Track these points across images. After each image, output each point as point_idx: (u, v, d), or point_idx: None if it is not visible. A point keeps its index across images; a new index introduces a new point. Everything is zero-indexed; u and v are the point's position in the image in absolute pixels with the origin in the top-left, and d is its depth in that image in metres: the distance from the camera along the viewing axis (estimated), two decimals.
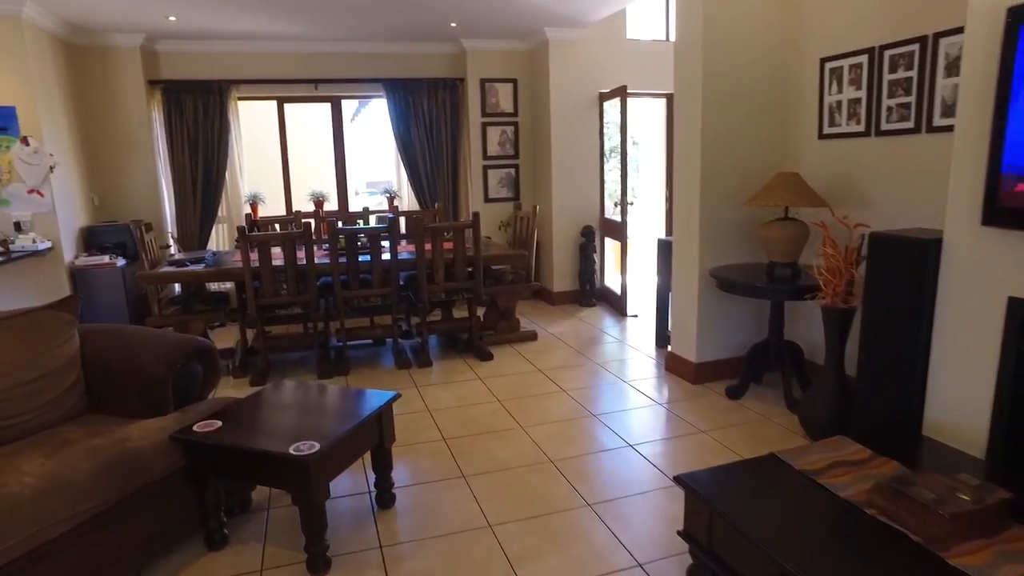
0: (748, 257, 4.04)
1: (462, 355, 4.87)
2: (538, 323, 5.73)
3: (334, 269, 4.30)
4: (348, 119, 10.29)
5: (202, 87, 5.81)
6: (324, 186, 6.67)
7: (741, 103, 3.86)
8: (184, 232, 5.99)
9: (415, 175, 6.43)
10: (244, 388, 4.28)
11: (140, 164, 5.76)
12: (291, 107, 6.42)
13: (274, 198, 6.54)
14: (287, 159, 6.46)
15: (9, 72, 4.61)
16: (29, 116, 4.68)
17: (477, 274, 4.59)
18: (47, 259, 4.84)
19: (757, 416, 3.56)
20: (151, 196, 5.83)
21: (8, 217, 4.74)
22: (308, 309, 4.34)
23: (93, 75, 5.54)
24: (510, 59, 6.49)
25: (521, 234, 5.30)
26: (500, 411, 3.76)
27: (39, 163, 4.72)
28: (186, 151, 5.87)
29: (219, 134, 5.91)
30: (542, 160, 6.46)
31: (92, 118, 5.58)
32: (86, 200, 5.48)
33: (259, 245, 4.12)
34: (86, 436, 2.33)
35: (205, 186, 5.96)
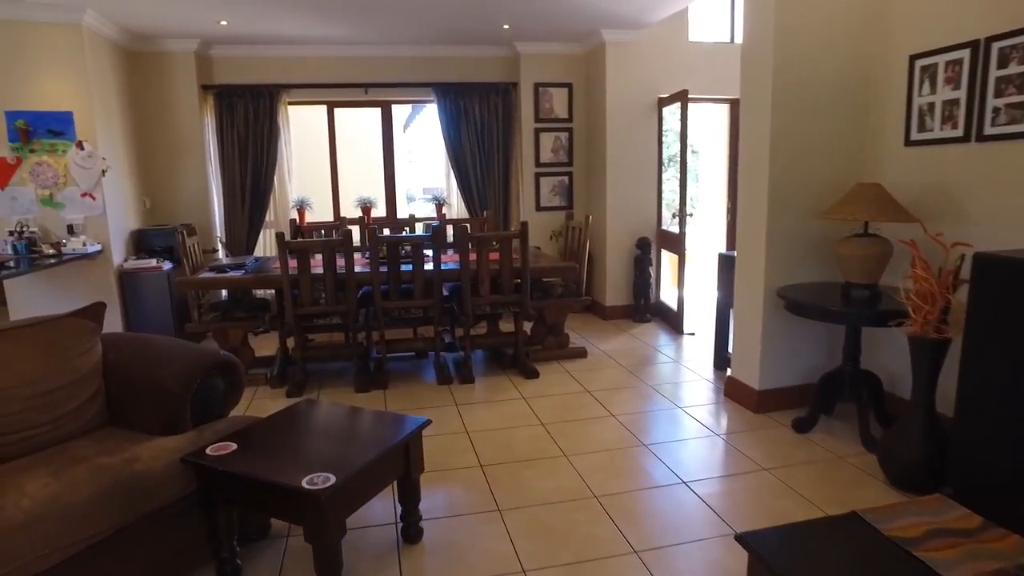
0: (820, 276, 3.67)
1: (506, 372, 4.62)
2: (588, 339, 5.44)
3: (374, 278, 4.13)
4: (400, 128, 10.24)
5: (253, 91, 5.78)
6: (373, 192, 6.56)
7: (815, 108, 3.51)
8: (232, 237, 5.97)
9: (465, 182, 6.24)
10: (280, 399, 4.15)
11: (191, 168, 5.77)
12: (341, 112, 6.34)
13: (322, 204, 6.47)
14: (336, 164, 6.38)
15: (68, 78, 4.65)
16: (85, 121, 4.71)
17: (524, 287, 4.34)
18: (97, 262, 4.86)
19: (828, 454, 3.18)
20: (201, 200, 5.83)
21: (62, 220, 4.78)
22: (347, 319, 4.19)
23: (149, 80, 5.58)
24: (565, 63, 6.25)
25: (573, 245, 5.03)
26: (543, 436, 3.49)
27: (92, 167, 4.74)
28: (236, 156, 5.85)
29: (268, 139, 5.87)
30: (597, 168, 6.18)
31: (146, 123, 5.62)
32: (138, 203, 5.51)
33: (298, 252, 3.99)
34: (96, 454, 2.19)
35: (253, 191, 5.92)
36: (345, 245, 4.02)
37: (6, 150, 4.66)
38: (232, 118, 5.81)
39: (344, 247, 4.03)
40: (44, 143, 4.68)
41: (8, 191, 4.70)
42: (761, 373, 3.71)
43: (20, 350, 2.36)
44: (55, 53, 4.62)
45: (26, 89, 4.62)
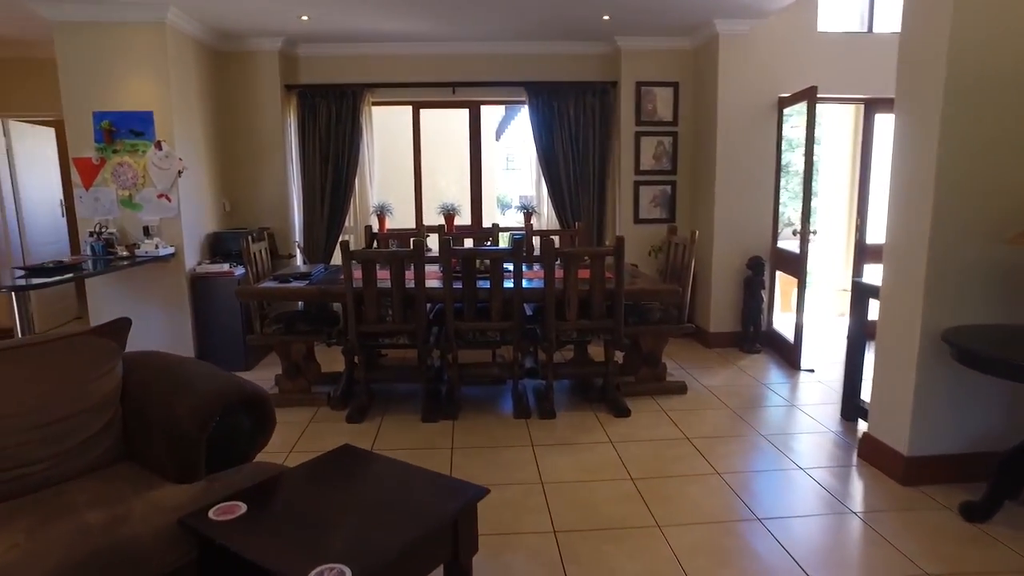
0: (1001, 316, 2.87)
1: (593, 406, 4.05)
2: (689, 370, 4.77)
3: (447, 295, 3.69)
4: (492, 134, 9.86)
5: (336, 91, 5.53)
6: (459, 199, 6.17)
7: (1003, 109, 2.73)
8: (310, 242, 5.74)
9: (556, 190, 5.72)
10: (338, 424, 3.78)
11: (272, 171, 5.59)
12: (427, 113, 6.00)
13: (404, 210, 6.15)
14: (419, 168, 6.04)
15: (150, 78, 4.53)
16: (164, 121, 4.57)
17: (618, 311, 3.76)
18: (170, 265, 4.71)
19: (1019, 558, 2.40)
20: (280, 203, 5.64)
21: (140, 221, 4.67)
22: (415, 340, 3.76)
23: (232, 80, 5.44)
24: (671, 59, 5.61)
25: (675, 263, 4.39)
26: (631, 496, 2.90)
27: (169, 167, 4.60)
28: (317, 158, 5.62)
29: (350, 140, 5.60)
30: (704, 177, 5.50)
31: (228, 123, 5.49)
32: (217, 205, 5.37)
33: (363, 263, 3.60)
34: (88, 504, 1.83)
35: (333, 195, 5.67)
36: (414, 257, 3.60)
37: (92, 151, 4.59)
38: (314, 119, 5.58)
39: (413, 259, 3.61)
40: (126, 143, 4.58)
41: (92, 192, 4.64)
42: (912, 434, 2.95)
43: (24, 373, 2.06)
44: (138, 52, 4.51)
45: (112, 90, 4.54)
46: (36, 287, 3.51)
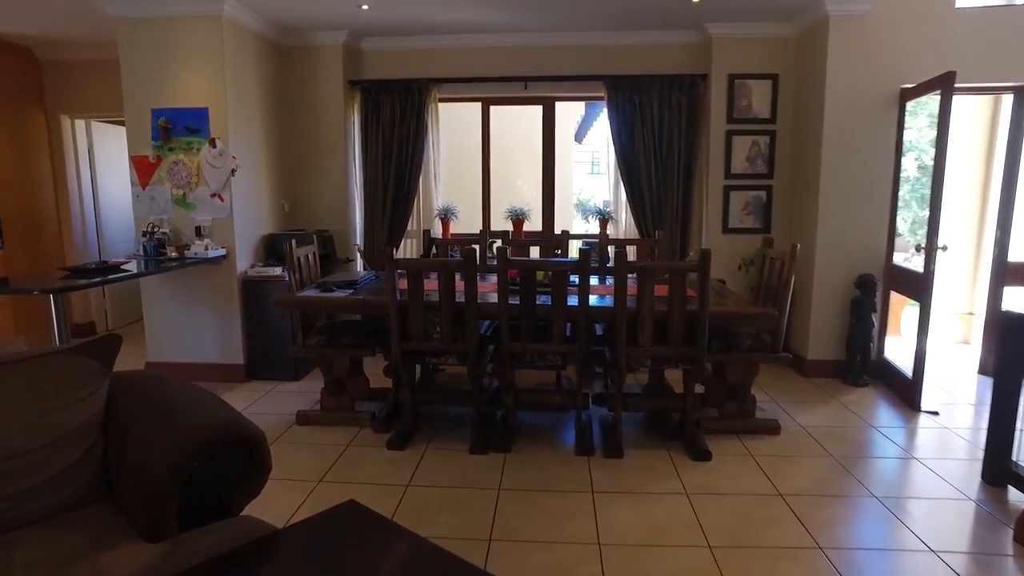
0: None
1: (668, 445, 3.50)
2: (782, 404, 4.11)
3: (501, 312, 3.25)
4: (571, 134, 9.36)
5: (401, 86, 5.22)
6: (531, 203, 5.73)
7: None
8: (371, 246, 5.46)
9: (636, 194, 5.18)
10: (378, 450, 3.40)
11: (332, 170, 5.34)
12: (497, 110, 5.59)
13: (470, 214, 5.77)
14: (488, 169, 5.65)
15: (205, 73, 4.35)
16: (219, 118, 4.38)
17: (700, 337, 3.20)
18: (221, 267, 4.52)
19: None
20: (340, 205, 5.38)
21: (193, 221, 4.50)
22: (465, 361, 3.34)
23: (294, 75, 5.23)
24: (770, 48, 4.96)
25: (770, 280, 3.77)
26: (707, 569, 2.36)
27: (222, 166, 4.41)
28: (379, 157, 5.32)
29: (415, 139, 5.28)
30: (805, 181, 4.81)
31: (289, 120, 5.28)
32: (275, 206, 5.16)
33: (408, 273, 3.22)
34: (26, 566, 1.50)
35: (396, 196, 5.36)
36: (466, 267, 3.18)
37: (149, 149, 4.47)
38: (378, 116, 5.29)
39: (465, 270, 3.19)
40: (181, 141, 4.42)
41: (148, 190, 4.51)
42: None
43: None
44: (195, 47, 4.34)
45: (169, 86, 4.39)
46: (64, 290, 3.33)
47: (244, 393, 4.40)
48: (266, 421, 3.86)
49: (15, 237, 5.55)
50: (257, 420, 3.87)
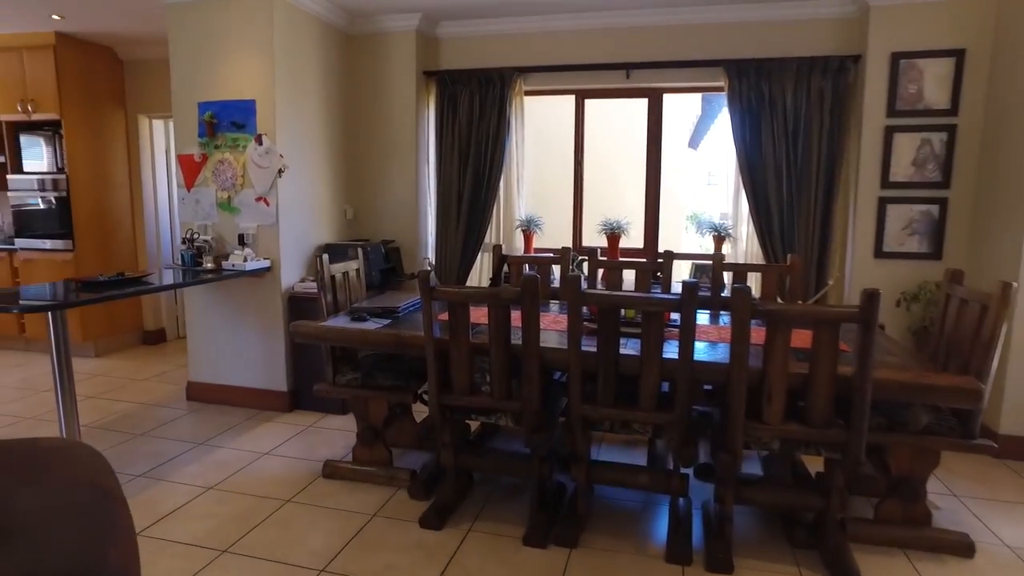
0: None
1: (797, 556, 2.51)
2: (970, 505, 2.97)
3: (572, 362, 2.41)
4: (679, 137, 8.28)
5: (481, 76, 4.50)
6: (631, 215, 4.83)
7: None
8: (443, 259, 4.77)
9: (761, 206, 4.16)
10: (409, 527, 2.65)
11: (402, 172, 4.70)
12: (593, 105, 4.75)
13: (558, 226, 4.95)
14: (580, 174, 4.81)
15: (253, 61, 3.83)
16: (267, 111, 3.84)
17: (858, 416, 2.21)
18: (266, 280, 3.98)
19: None
20: (409, 212, 4.73)
21: (236, 228, 3.99)
22: (523, 424, 2.53)
23: (361, 65, 4.64)
24: (955, 15, 3.79)
25: (959, 332, 2.68)
26: None
27: (268, 166, 3.86)
28: (455, 158, 4.63)
29: (495, 137, 4.54)
30: (1003, 193, 3.60)
31: (354, 116, 4.70)
32: (336, 212, 4.58)
33: (450, 304, 2.45)
34: None
35: (472, 203, 4.64)
36: (524, 299, 2.37)
37: (195, 146, 4.01)
38: (454, 111, 4.60)
39: (523, 302, 2.37)
40: (227, 137, 3.93)
41: (193, 193, 4.06)
42: None
43: None
44: (244, 32, 3.83)
45: (217, 76, 3.92)
46: (37, 309, 2.83)
47: (281, 427, 3.82)
48: (290, 468, 3.23)
49: (88, 239, 5.35)
50: (280, 466, 3.24)
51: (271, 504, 2.89)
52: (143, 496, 2.98)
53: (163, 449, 3.51)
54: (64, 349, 2.98)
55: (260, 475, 3.19)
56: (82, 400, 4.33)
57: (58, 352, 2.97)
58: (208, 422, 3.89)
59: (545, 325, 2.83)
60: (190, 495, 2.98)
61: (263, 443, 3.58)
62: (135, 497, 2.96)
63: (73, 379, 3.06)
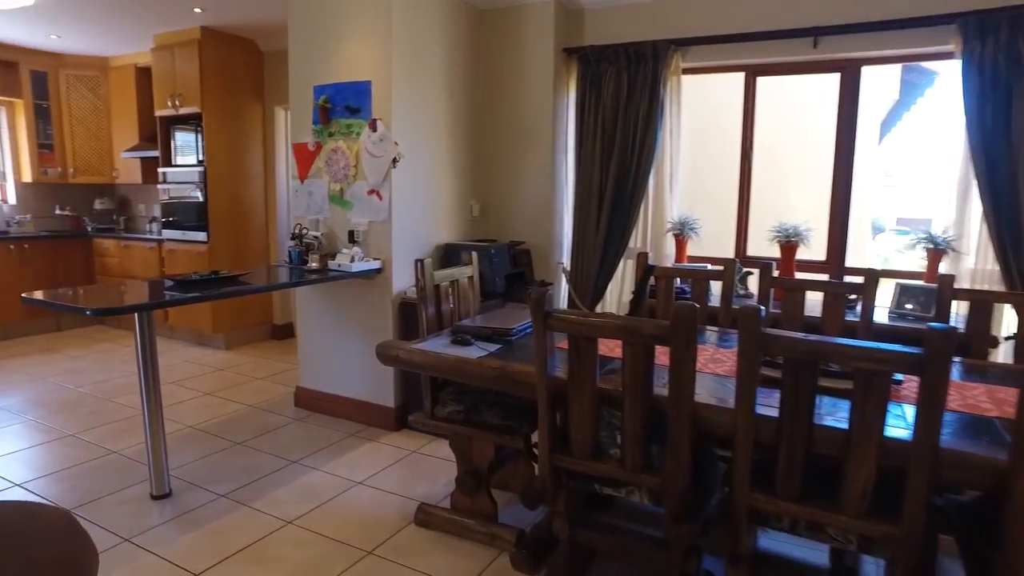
0: None
1: None
2: None
3: (740, 429, 1.67)
4: (874, 127, 6.93)
5: (629, 52, 3.80)
6: (810, 219, 3.89)
7: None
8: (579, 265, 4.13)
9: (997, 207, 3.10)
10: None
11: (536, 164, 4.11)
12: (767, 84, 3.88)
13: (718, 230, 4.12)
14: (748, 169, 3.96)
15: (369, 37, 3.42)
16: (383, 94, 3.41)
17: None
18: (376, 283, 3.56)
19: None
20: (543, 209, 4.13)
21: (347, 223, 3.62)
22: (664, 507, 1.82)
23: (491, 42, 4.11)
24: None
25: None
26: None
27: (383, 154, 3.43)
28: (597, 148, 3.97)
29: (645, 123, 3.82)
30: None
31: (482, 100, 4.18)
32: (459, 208, 4.09)
33: (572, 336, 1.80)
34: None
35: (616, 201, 3.95)
36: (677, 338, 1.66)
37: (309, 134, 3.69)
38: (598, 93, 3.94)
39: (677, 342, 1.67)
40: (341, 124, 3.56)
41: (306, 184, 3.74)
42: None
43: None
44: (362, 5, 3.43)
45: (332, 55, 3.56)
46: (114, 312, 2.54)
47: (382, 450, 3.38)
48: (381, 506, 2.77)
49: (222, 231, 5.32)
50: (371, 501, 2.75)
51: (350, 555, 2.42)
52: (217, 524, 2.63)
53: (256, 464, 3.19)
54: (149, 353, 2.71)
55: (347, 511, 2.75)
56: (199, 396, 4.20)
57: (143, 356, 2.71)
58: (308, 436, 3.55)
59: (699, 364, 2.10)
60: (266, 529, 2.59)
61: (359, 469, 3.15)
62: (209, 524, 2.62)
63: (159, 383, 2.79)
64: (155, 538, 2.52)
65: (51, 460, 3.22)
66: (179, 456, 3.26)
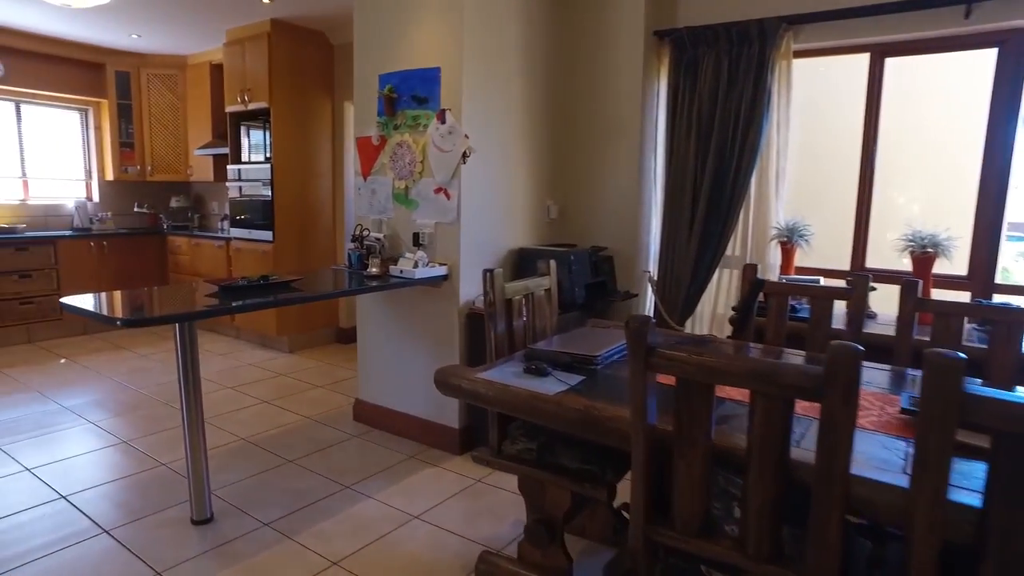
0: None
1: None
2: None
3: (926, 525, 1.20)
4: None
5: (732, 33, 3.31)
6: (949, 224, 3.26)
7: None
8: (667, 274, 3.67)
9: None
10: None
11: (621, 161, 3.68)
12: (895, 65, 3.30)
13: (832, 237, 3.56)
14: (871, 166, 3.39)
15: (440, 20, 3.09)
16: (453, 81, 3.07)
17: None
18: (443, 291, 3.22)
19: None
20: (628, 212, 3.69)
21: (412, 225, 3.29)
22: None
23: (573, 26, 3.70)
24: None
25: None
26: None
27: (452, 148, 3.09)
28: (691, 143, 3.50)
29: (748, 114, 3.32)
30: None
31: (560, 89, 3.78)
32: (536, 209, 3.71)
33: (678, 377, 1.37)
34: None
35: (711, 202, 3.47)
36: (834, 390, 1.21)
37: (373, 127, 3.40)
38: (693, 80, 3.47)
39: (833, 396, 1.22)
40: (407, 115, 3.24)
41: (370, 182, 3.45)
42: None
43: None
44: None
45: (400, 41, 3.25)
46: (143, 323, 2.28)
47: (444, 477, 3.03)
48: (438, 548, 2.42)
49: (288, 230, 5.15)
50: (427, 542, 2.42)
51: None
52: (257, 559, 2.35)
53: (306, 487, 2.91)
54: (191, 366, 2.46)
55: (400, 552, 2.41)
56: (256, 404, 4.00)
57: (184, 370, 2.46)
58: (365, 456, 3.26)
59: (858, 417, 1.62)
60: (310, 569, 2.29)
61: (417, 500, 2.82)
62: (248, 559, 2.34)
63: (200, 399, 2.54)
64: (189, 572, 2.26)
65: (100, 470, 3.06)
66: (227, 472, 3.03)
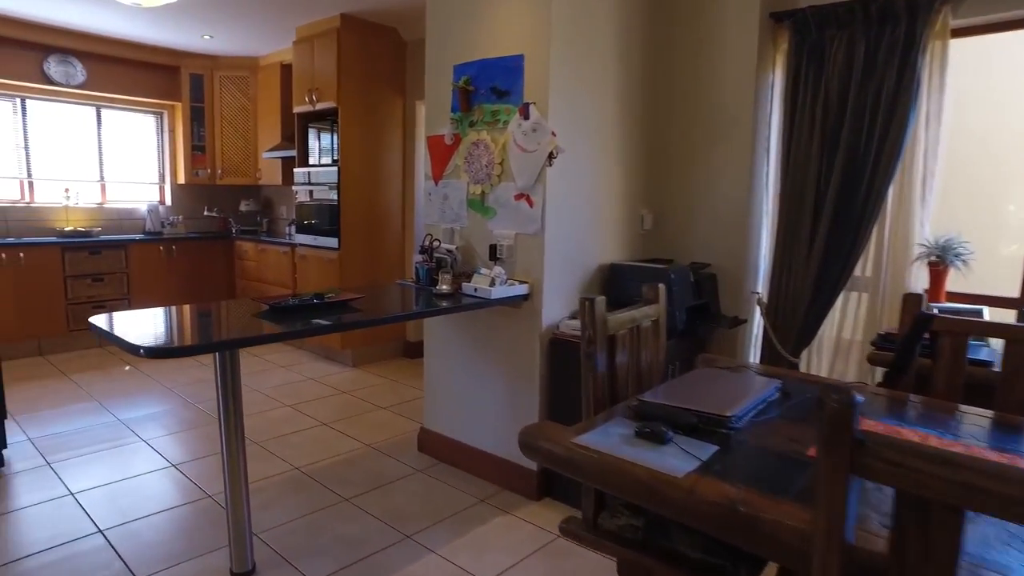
0: None
1: None
2: None
3: None
4: None
5: (870, 10, 2.75)
6: None
7: None
8: (779, 297, 3.13)
9: None
10: None
11: (730, 163, 3.16)
12: None
13: (994, 256, 2.93)
14: None
15: (521, 1, 2.67)
16: (538, 71, 2.65)
17: None
18: (522, 311, 2.80)
19: None
20: (735, 223, 3.17)
21: (488, 236, 2.89)
22: None
23: (675, 11, 3.21)
24: None
25: None
26: None
27: (536, 148, 2.66)
28: (813, 140, 2.95)
29: (889, 107, 2.76)
30: None
31: (660, 79, 3.29)
32: (629, 219, 3.23)
33: (909, 488, 0.89)
34: None
35: (838, 212, 2.92)
36: None
37: (446, 124, 3.02)
38: (817, 69, 2.93)
39: None
40: (485, 110, 2.84)
41: (442, 186, 3.08)
42: None
43: None
44: None
45: (477, 27, 2.86)
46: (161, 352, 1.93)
47: (519, 528, 2.60)
48: None
49: (355, 237, 4.86)
50: None
51: None
52: None
53: (361, 534, 2.54)
54: (231, 398, 2.12)
55: None
56: (314, 427, 3.69)
57: (225, 402, 2.12)
58: (428, 497, 2.86)
59: None
60: None
61: (486, 558, 2.40)
62: None
63: (243, 430, 2.20)
64: None
65: (144, 499, 2.79)
66: (276, 509, 2.70)
